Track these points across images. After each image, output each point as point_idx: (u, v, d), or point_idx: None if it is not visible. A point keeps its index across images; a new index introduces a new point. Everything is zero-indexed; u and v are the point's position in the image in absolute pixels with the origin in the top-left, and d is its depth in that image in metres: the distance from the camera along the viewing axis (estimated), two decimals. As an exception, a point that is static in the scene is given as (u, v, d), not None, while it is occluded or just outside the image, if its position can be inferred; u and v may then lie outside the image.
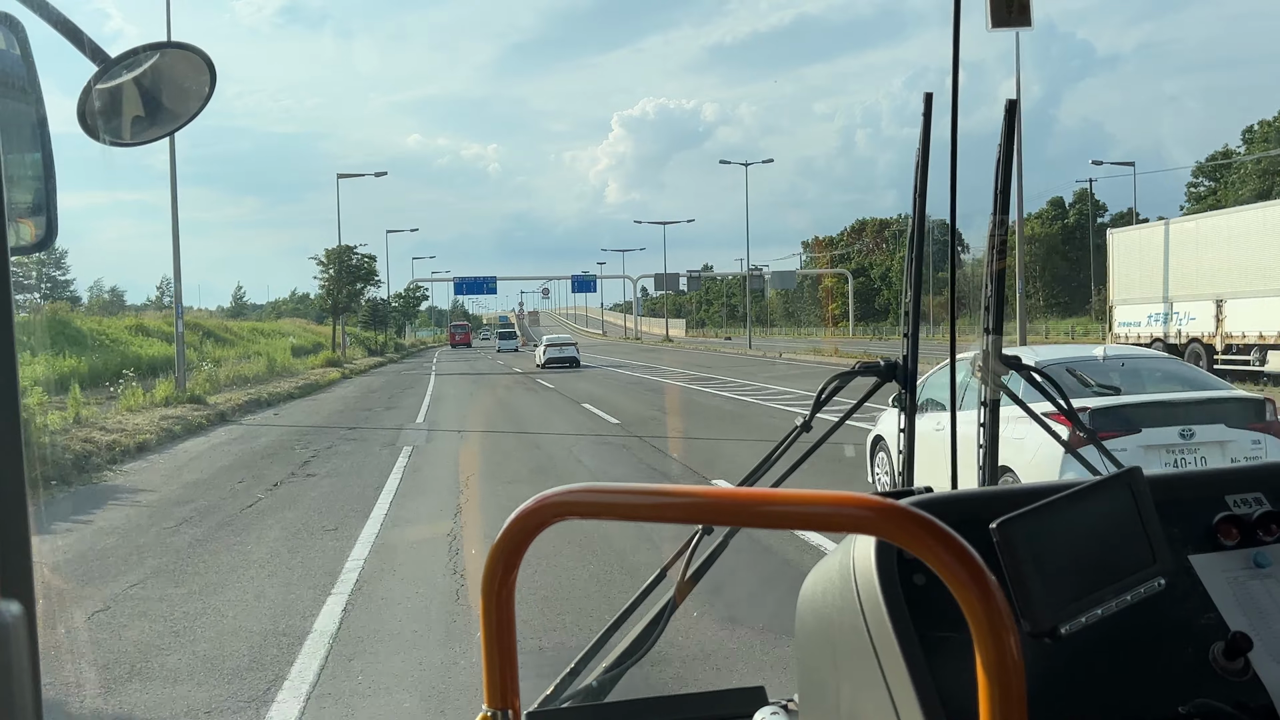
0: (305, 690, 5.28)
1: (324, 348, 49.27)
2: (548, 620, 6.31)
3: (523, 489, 10.50)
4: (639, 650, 1.93)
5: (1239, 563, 1.31)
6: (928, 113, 2.02)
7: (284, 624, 6.49)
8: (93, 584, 7.71)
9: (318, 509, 10.71)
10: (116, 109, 1.58)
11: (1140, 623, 1.20)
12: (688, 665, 5.33)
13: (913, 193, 2.07)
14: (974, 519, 1.09)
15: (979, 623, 0.72)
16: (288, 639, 6.15)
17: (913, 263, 2.12)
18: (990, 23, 1.83)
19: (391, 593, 7.23)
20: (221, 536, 9.38)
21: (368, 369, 46.82)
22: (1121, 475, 1.16)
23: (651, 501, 0.85)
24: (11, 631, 0.50)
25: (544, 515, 0.87)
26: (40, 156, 1.31)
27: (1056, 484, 1.24)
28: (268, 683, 5.41)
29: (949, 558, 0.73)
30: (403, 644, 6.03)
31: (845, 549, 1.23)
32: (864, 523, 0.77)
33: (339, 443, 17.00)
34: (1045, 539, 1.06)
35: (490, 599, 0.89)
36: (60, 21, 1.41)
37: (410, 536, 9.23)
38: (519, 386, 31.56)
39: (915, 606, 1.14)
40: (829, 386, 2.13)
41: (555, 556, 7.72)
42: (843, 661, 1.21)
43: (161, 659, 5.87)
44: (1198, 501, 1.35)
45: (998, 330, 2.10)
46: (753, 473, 2.14)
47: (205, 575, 7.93)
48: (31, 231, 1.32)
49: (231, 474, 13.61)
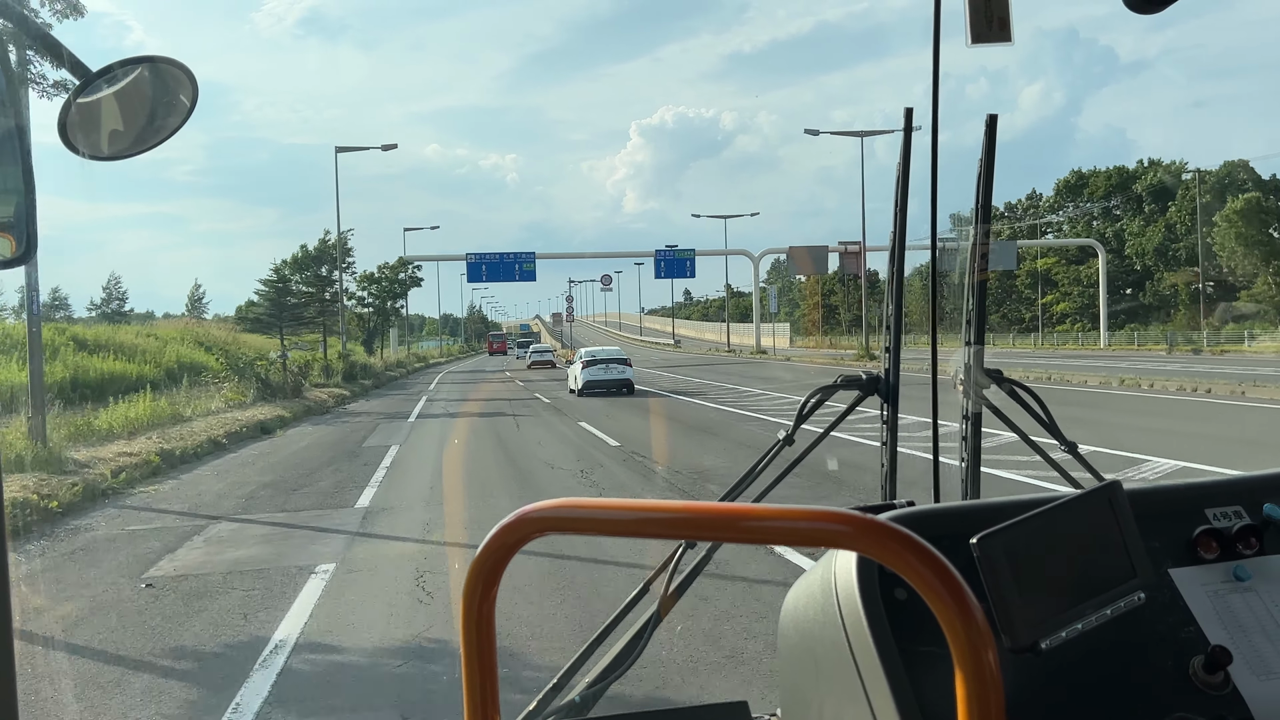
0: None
1: (251, 372, 28.88)
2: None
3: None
4: (622, 665, 1.92)
5: (1219, 576, 1.32)
6: (908, 128, 2.03)
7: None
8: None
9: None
10: (96, 123, 1.57)
11: (1120, 637, 1.21)
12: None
13: (894, 207, 2.09)
14: (955, 534, 1.09)
15: (958, 639, 0.72)
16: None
17: (893, 276, 2.13)
18: (970, 38, 1.82)
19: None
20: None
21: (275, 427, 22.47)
22: (1102, 489, 1.16)
23: (632, 517, 0.85)
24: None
25: (525, 530, 0.86)
26: (20, 169, 1.30)
27: (1037, 497, 1.25)
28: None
29: (928, 574, 0.73)
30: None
31: (827, 563, 1.24)
32: (844, 538, 0.77)
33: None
34: (1025, 554, 1.06)
35: (471, 615, 0.88)
36: (40, 35, 1.40)
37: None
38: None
39: (896, 621, 1.14)
40: (811, 400, 2.14)
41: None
42: (825, 676, 1.21)
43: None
44: (1177, 515, 1.36)
45: (979, 342, 2.11)
46: (735, 486, 2.14)
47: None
48: (11, 245, 1.31)
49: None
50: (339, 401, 31.73)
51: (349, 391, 35.51)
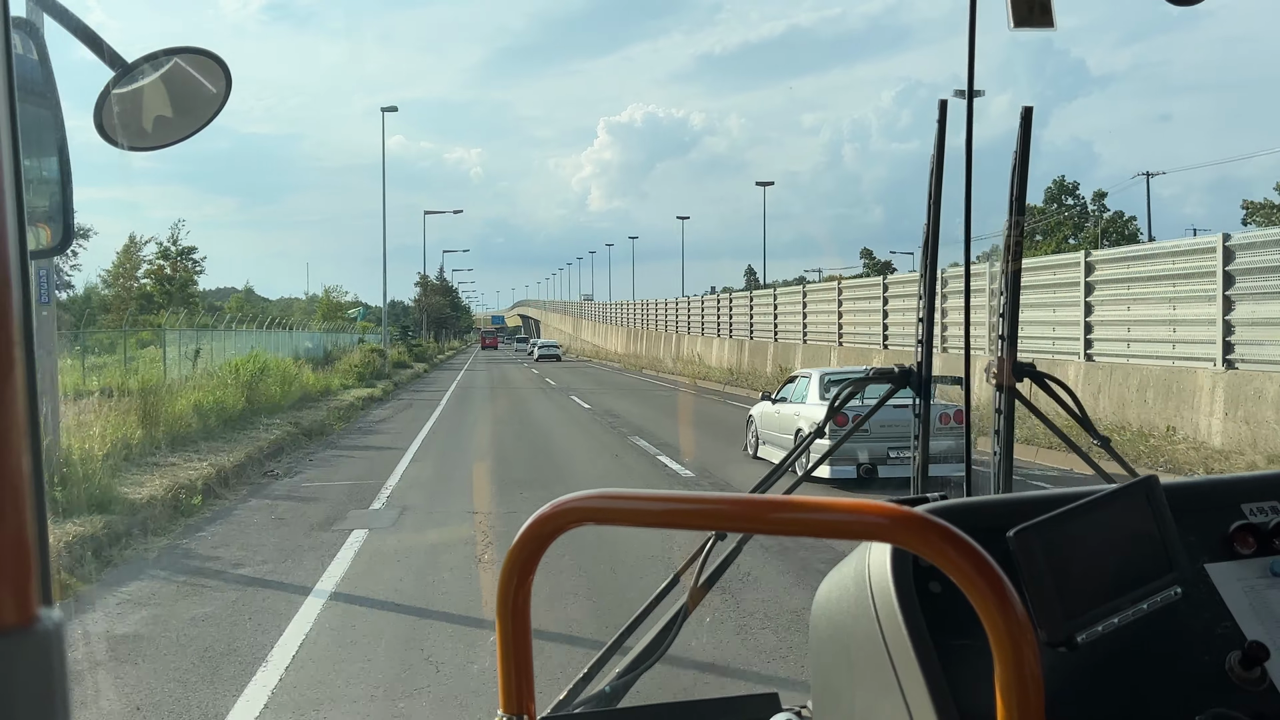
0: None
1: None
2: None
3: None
4: (652, 656, 1.92)
5: (1255, 571, 1.30)
6: (942, 119, 2.01)
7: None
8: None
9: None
10: (134, 114, 1.59)
11: (1156, 632, 1.19)
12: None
13: (927, 200, 2.06)
14: (990, 527, 1.08)
15: (998, 632, 0.71)
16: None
17: (927, 270, 2.11)
18: (1012, 22, 1.78)
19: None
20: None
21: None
22: (1138, 484, 1.15)
23: (667, 508, 0.85)
24: (54, 639, 0.49)
25: (560, 521, 0.86)
26: (57, 161, 1.32)
27: (1072, 492, 1.24)
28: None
29: (967, 566, 0.72)
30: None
31: (860, 555, 1.23)
32: (881, 530, 0.76)
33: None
34: (1062, 547, 1.05)
35: (506, 604, 0.88)
36: (79, 28, 1.42)
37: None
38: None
39: (931, 614, 1.13)
40: (844, 393, 2.12)
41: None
42: (858, 669, 1.21)
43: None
44: (1213, 510, 1.34)
45: (1013, 335, 2.09)
46: (767, 478, 2.13)
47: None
48: (48, 235, 1.32)
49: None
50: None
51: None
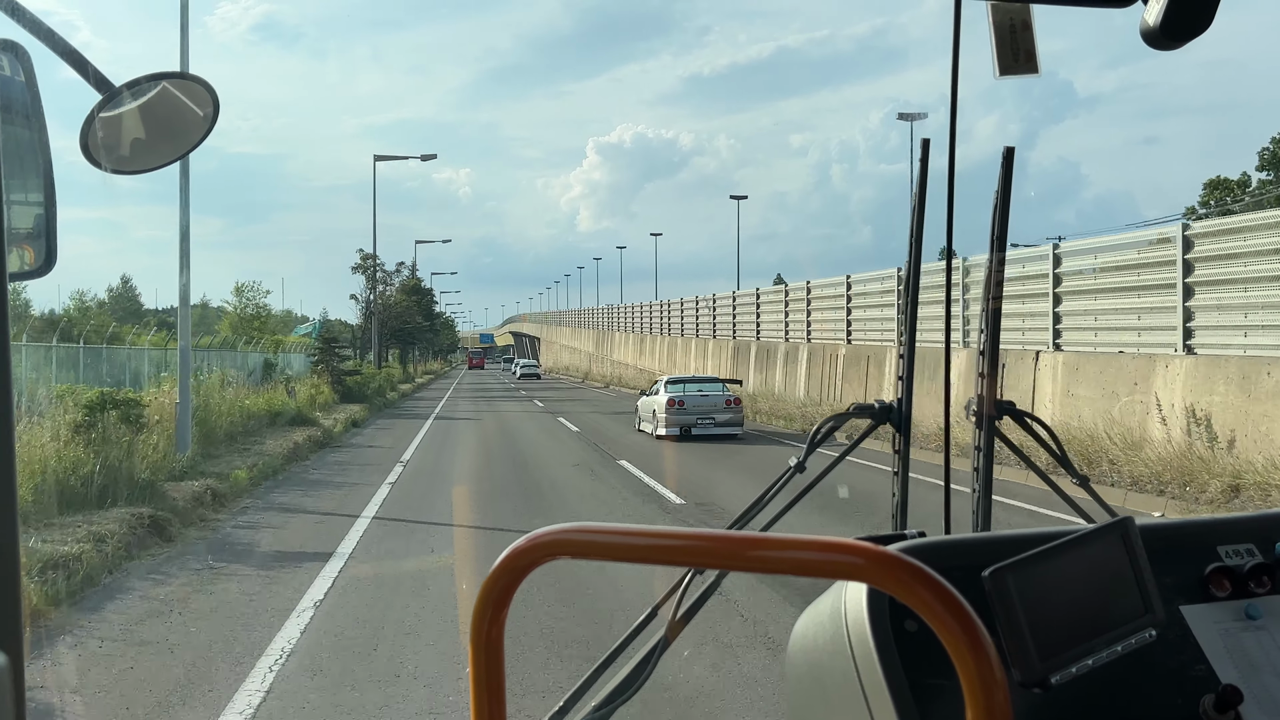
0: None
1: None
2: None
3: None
4: (628, 689, 1.91)
5: (1230, 614, 1.30)
6: (925, 158, 2.03)
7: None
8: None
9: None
10: (119, 138, 1.59)
11: (1131, 673, 1.20)
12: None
13: (909, 237, 2.08)
14: (966, 565, 1.09)
15: (969, 674, 0.71)
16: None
17: (908, 305, 2.12)
18: (998, 71, 1.83)
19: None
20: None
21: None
22: (1115, 524, 1.16)
23: (643, 543, 0.85)
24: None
25: (536, 555, 0.86)
26: (42, 183, 1.32)
27: (1048, 531, 1.24)
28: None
29: (939, 607, 0.72)
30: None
31: (837, 593, 1.23)
32: (855, 570, 0.76)
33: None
34: (1037, 587, 1.05)
35: (480, 638, 0.88)
36: (67, 51, 1.42)
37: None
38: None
39: (907, 653, 1.13)
40: (823, 428, 2.12)
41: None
42: (833, 706, 1.20)
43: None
44: (1189, 552, 1.35)
45: (992, 372, 2.10)
46: (745, 513, 2.13)
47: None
48: (31, 256, 1.32)
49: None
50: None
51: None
